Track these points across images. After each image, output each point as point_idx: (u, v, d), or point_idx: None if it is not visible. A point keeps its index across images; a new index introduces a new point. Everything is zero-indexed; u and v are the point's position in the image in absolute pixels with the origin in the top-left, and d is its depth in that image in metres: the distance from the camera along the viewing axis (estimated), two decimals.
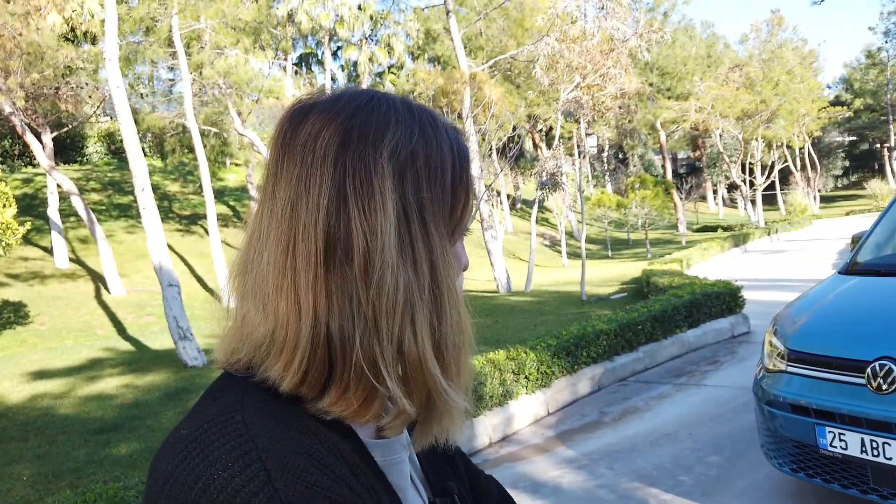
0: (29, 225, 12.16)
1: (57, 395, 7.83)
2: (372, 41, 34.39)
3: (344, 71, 35.72)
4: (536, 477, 4.67)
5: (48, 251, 17.04)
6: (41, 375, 8.98)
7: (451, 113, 10.52)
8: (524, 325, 10.17)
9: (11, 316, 13.24)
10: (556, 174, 13.73)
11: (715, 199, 53.32)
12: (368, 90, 0.64)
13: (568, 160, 27.49)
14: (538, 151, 33.86)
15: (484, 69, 17.22)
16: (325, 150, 0.57)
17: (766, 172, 38.96)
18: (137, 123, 16.06)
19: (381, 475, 0.62)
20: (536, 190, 14.95)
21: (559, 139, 15.21)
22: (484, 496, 0.84)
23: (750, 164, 40.08)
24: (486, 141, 13.72)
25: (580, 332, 6.73)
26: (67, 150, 24.95)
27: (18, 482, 4.78)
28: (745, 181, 36.92)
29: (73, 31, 17.69)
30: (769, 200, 48.83)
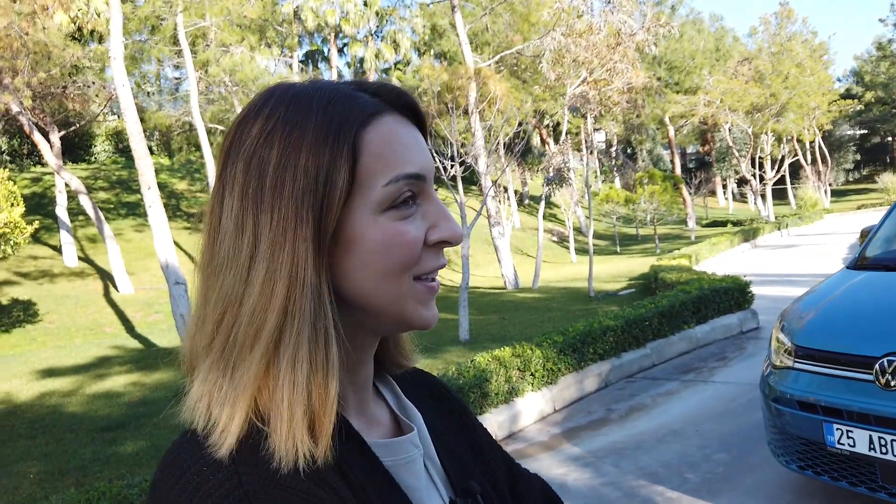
0: (37, 224, 12.24)
1: (65, 392, 7.87)
2: (378, 37, 34.36)
3: (350, 68, 35.71)
4: (542, 474, 4.57)
5: (57, 250, 17.13)
6: (50, 373, 9.03)
7: (456, 108, 10.48)
8: (531, 321, 10.14)
9: (21, 314, 13.33)
10: (562, 170, 13.66)
11: (724, 193, 53.02)
12: (278, 84, 0.63)
13: (576, 155, 27.40)
14: (546, 147, 33.74)
15: (490, 64, 17.16)
16: (224, 160, 0.61)
17: (776, 167, 38.64)
18: (144, 122, 16.12)
19: (387, 476, 0.62)
20: (543, 186, 14.90)
21: (566, 134, 15.14)
22: (525, 495, 0.82)
23: (760, 158, 39.77)
24: (492, 136, 13.67)
25: (587, 328, 6.69)
26: (75, 148, 25.05)
27: (25, 480, 4.79)
28: (754, 175, 36.63)
29: (79, 30, 17.75)
30: (779, 195, 48.49)
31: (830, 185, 54.54)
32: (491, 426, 5.32)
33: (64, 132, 17.48)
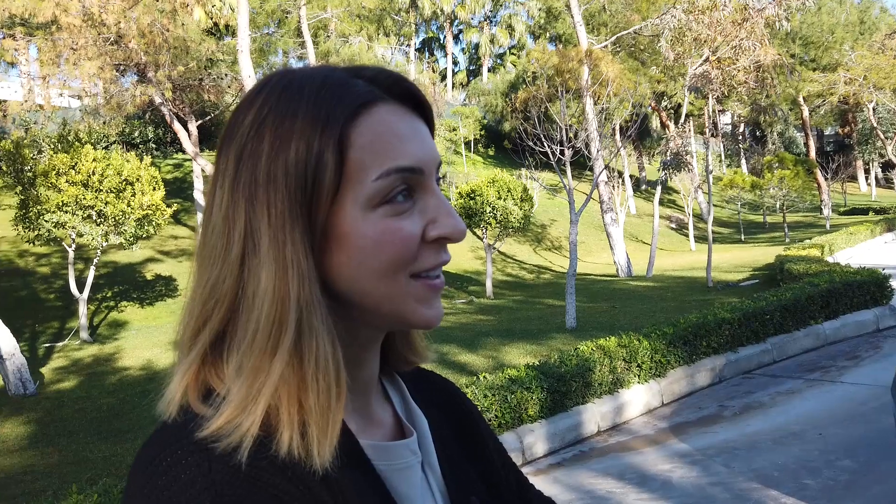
0: (176, 206, 13.27)
1: None
2: (493, 23, 34.23)
3: (465, 54, 35.91)
4: (645, 469, 4.53)
5: (195, 230, 18.55)
6: None
7: (566, 92, 10.28)
8: (642, 311, 9.84)
9: (163, 289, 14.56)
10: (680, 154, 13.05)
11: (867, 179, 48.58)
12: (276, 71, 0.60)
13: (699, 139, 26.07)
14: (665, 130, 32.39)
15: (606, 45, 16.66)
16: (219, 151, 0.59)
17: None
18: None
19: (376, 481, 0.59)
20: (659, 170, 14.32)
21: (686, 117, 14.44)
22: None
23: None
24: (608, 119, 13.28)
25: (700, 320, 6.41)
26: (211, 137, 26.84)
27: None
28: None
29: (214, 25, 19.00)
30: None
31: None
32: (594, 416, 5.25)
33: (200, 121, 18.79)
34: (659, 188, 15.70)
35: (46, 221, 10.33)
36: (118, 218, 10.67)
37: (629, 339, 5.76)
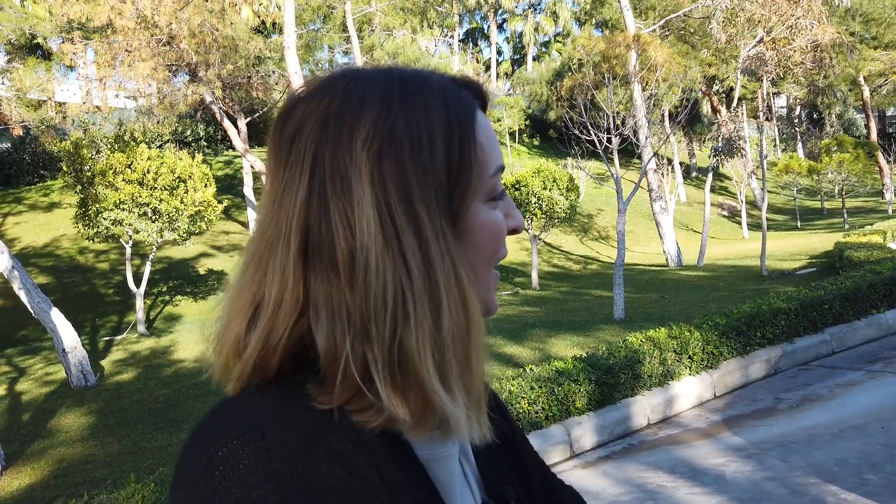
0: (227, 202, 13.57)
1: None
2: (537, 10, 33.82)
3: (509, 43, 35.62)
4: (697, 463, 4.43)
5: (245, 225, 18.96)
6: None
7: (613, 79, 10.07)
8: (693, 301, 9.62)
9: (215, 283, 14.95)
10: (732, 139, 12.65)
11: None
12: (350, 69, 0.60)
13: (752, 123, 25.26)
14: (717, 115, 31.49)
15: (655, 30, 16.25)
16: (305, 145, 0.56)
17: None
18: None
19: (420, 469, 0.59)
20: (710, 157, 13.94)
21: (738, 100, 13.99)
22: None
23: None
24: (656, 105, 12.96)
25: (754, 310, 6.22)
26: (260, 133, 27.35)
27: None
28: None
29: (262, 23, 19.32)
30: None
31: None
32: (643, 409, 5.16)
33: (249, 119, 19.17)
34: (710, 175, 15.29)
35: (105, 219, 10.71)
36: (172, 214, 10.99)
37: (680, 329, 5.63)
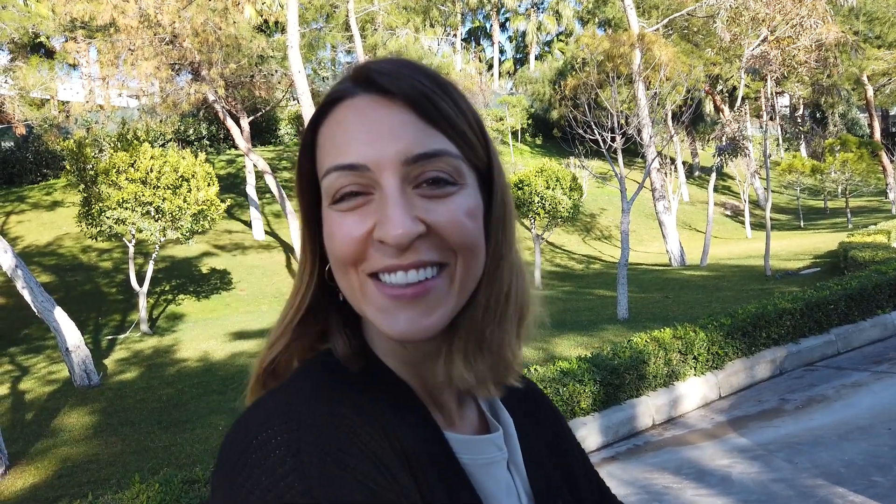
0: (230, 201, 13.57)
1: (252, 354, 8.71)
2: (540, 9, 33.77)
3: (512, 42, 35.57)
4: (703, 464, 4.41)
5: (247, 224, 18.95)
6: (240, 336, 10.07)
7: (617, 78, 10.04)
8: (697, 301, 9.58)
9: (218, 282, 14.94)
10: (736, 138, 12.61)
11: None
12: None
13: (754, 122, 25.17)
14: (720, 114, 31.42)
15: (658, 28, 16.21)
16: None
17: None
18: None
19: (460, 474, 0.59)
20: (714, 156, 13.90)
21: (742, 100, 13.95)
22: None
23: None
24: (660, 105, 12.92)
25: (759, 310, 6.19)
26: (262, 132, 27.36)
27: (216, 431, 5.41)
28: None
29: (264, 22, 19.30)
30: None
31: None
32: (648, 410, 5.13)
33: (252, 117, 19.16)
34: (714, 175, 15.25)
35: (108, 218, 10.70)
36: (175, 213, 10.98)
37: (685, 330, 5.61)
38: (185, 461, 4.52)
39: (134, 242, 11.42)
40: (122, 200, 10.59)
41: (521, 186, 13.13)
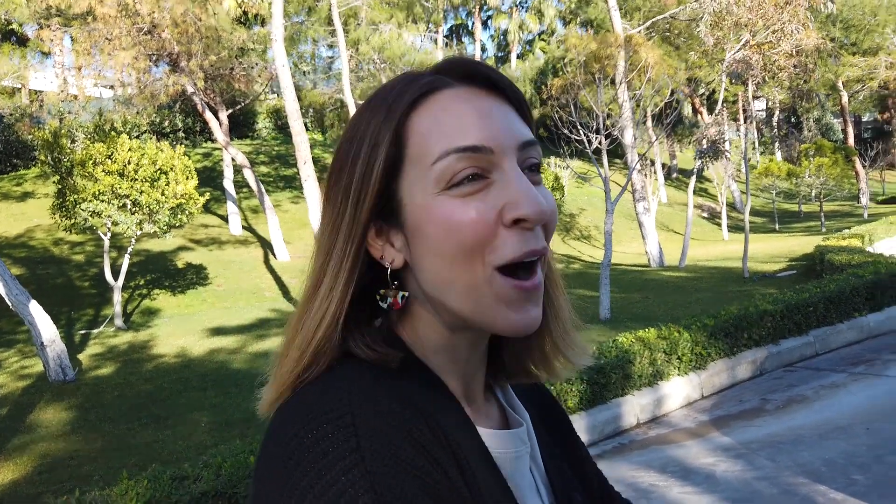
0: (208, 195, 13.39)
1: (230, 350, 8.64)
2: (522, 8, 33.86)
3: (493, 41, 35.61)
4: (688, 462, 4.45)
5: (224, 219, 18.73)
6: (218, 332, 9.94)
7: (603, 79, 10.10)
8: (677, 302, 9.69)
9: (194, 277, 14.73)
10: (717, 141, 12.77)
11: None
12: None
13: (732, 126, 25.52)
14: (698, 117, 31.80)
15: (640, 31, 16.34)
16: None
17: None
18: (300, 100, 17.01)
19: (495, 469, 0.59)
20: (695, 159, 14.07)
21: (722, 103, 14.14)
22: None
23: None
24: (640, 107, 13.03)
25: (741, 312, 6.28)
26: (240, 126, 27.07)
27: (198, 428, 5.33)
28: None
29: (244, 14, 19.08)
30: None
31: None
32: (633, 409, 5.17)
33: (231, 110, 18.94)
34: (694, 177, 15.42)
35: (83, 210, 10.49)
36: (153, 207, 10.80)
37: (669, 330, 5.66)
38: (168, 458, 4.44)
39: (109, 235, 11.21)
40: (98, 192, 10.39)
41: None
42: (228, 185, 18.23)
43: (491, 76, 0.60)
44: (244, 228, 18.66)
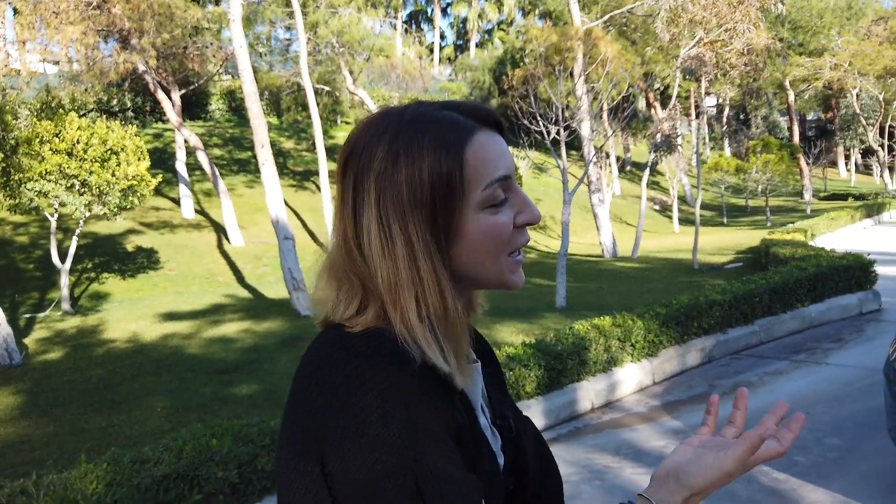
0: (160, 177, 13.04)
1: (184, 335, 8.49)
2: None
3: (453, 28, 35.51)
4: (640, 445, 4.61)
5: (176, 202, 18.28)
6: (171, 317, 9.76)
7: (563, 71, 10.22)
8: (630, 291, 9.93)
9: (145, 261, 14.39)
10: (671, 136, 13.08)
11: (847, 165, 49.22)
12: (384, 111, 0.78)
13: (684, 121, 26.12)
14: (652, 111, 32.42)
15: (598, 24, 16.55)
16: (348, 168, 0.77)
17: None
18: (256, 82, 16.72)
19: (468, 404, 0.77)
20: (650, 152, 14.38)
21: (676, 99, 14.46)
22: (524, 432, 0.94)
23: (890, 127, 36.56)
24: (597, 101, 13.22)
25: (692, 301, 6.49)
26: (193, 107, 26.37)
27: (154, 413, 5.25)
28: (882, 146, 33.76)
29: None
30: None
31: None
32: (588, 394, 5.31)
33: (184, 91, 18.44)
34: (647, 170, 15.76)
35: (29, 190, 10.12)
36: (102, 188, 10.48)
37: (623, 318, 5.82)
38: (126, 442, 4.36)
39: (56, 217, 10.85)
40: (44, 172, 10.03)
41: None
42: (181, 167, 17.78)
43: (498, 121, 0.81)
44: (197, 212, 18.25)
